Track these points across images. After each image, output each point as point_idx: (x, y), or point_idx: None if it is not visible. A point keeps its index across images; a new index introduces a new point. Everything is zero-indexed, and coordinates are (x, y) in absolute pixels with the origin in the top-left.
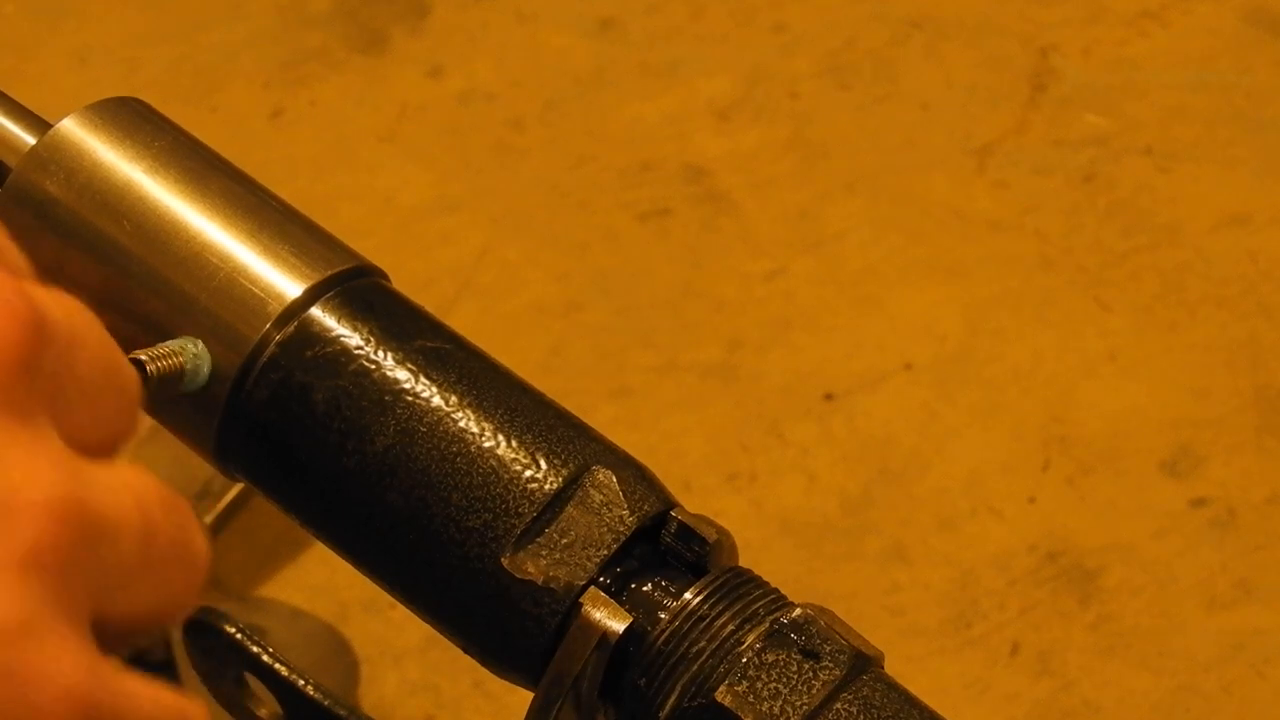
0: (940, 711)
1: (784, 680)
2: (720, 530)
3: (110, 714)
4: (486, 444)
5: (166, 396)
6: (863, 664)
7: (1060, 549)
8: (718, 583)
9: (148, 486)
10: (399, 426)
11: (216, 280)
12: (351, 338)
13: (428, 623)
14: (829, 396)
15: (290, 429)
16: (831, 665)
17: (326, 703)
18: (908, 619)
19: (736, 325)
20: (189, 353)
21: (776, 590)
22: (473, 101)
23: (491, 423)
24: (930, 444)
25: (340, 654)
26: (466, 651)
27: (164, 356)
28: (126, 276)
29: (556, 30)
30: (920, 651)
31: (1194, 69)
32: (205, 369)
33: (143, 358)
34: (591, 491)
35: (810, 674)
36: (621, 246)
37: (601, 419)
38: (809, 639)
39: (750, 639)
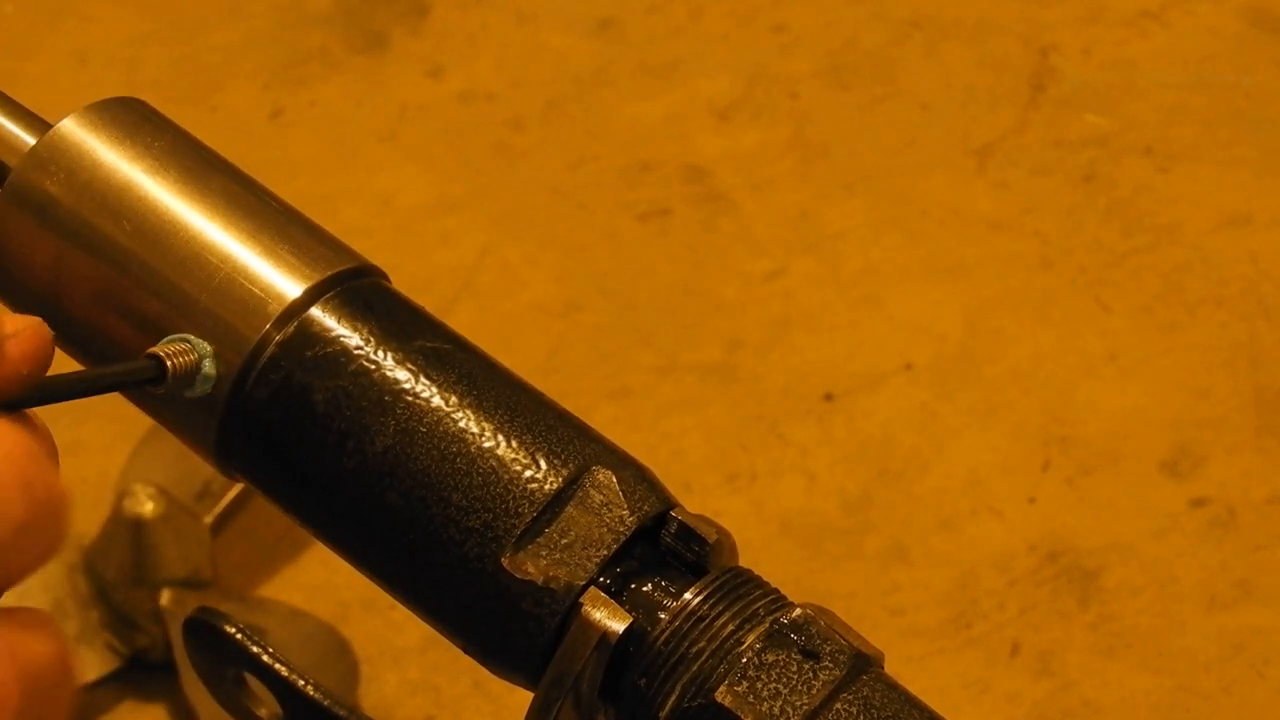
0: (940, 711)
1: (784, 680)
2: (720, 530)
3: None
4: (486, 444)
5: (177, 395)
6: (863, 664)
7: (1060, 549)
8: (718, 583)
9: (14, 442)
10: (399, 426)
11: (216, 280)
12: (351, 338)
13: (428, 623)
14: (829, 396)
15: (290, 429)
16: (831, 665)
17: (326, 703)
18: (907, 619)
19: (736, 325)
20: (199, 350)
21: (776, 590)
22: (473, 101)
23: (491, 423)
24: (930, 444)
25: (340, 654)
26: (466, 652)
27: (181, 354)
28: (126, 276)
29: (556, 30)
30: (920, 651)
31: (1194, 69)
32: (213, 368)
33: (161, 354)
34: (591, 492)
35: (810, 674)
36: (621, 246)
37: (601, 419)
38: (809, 639)
39: (750, 639)
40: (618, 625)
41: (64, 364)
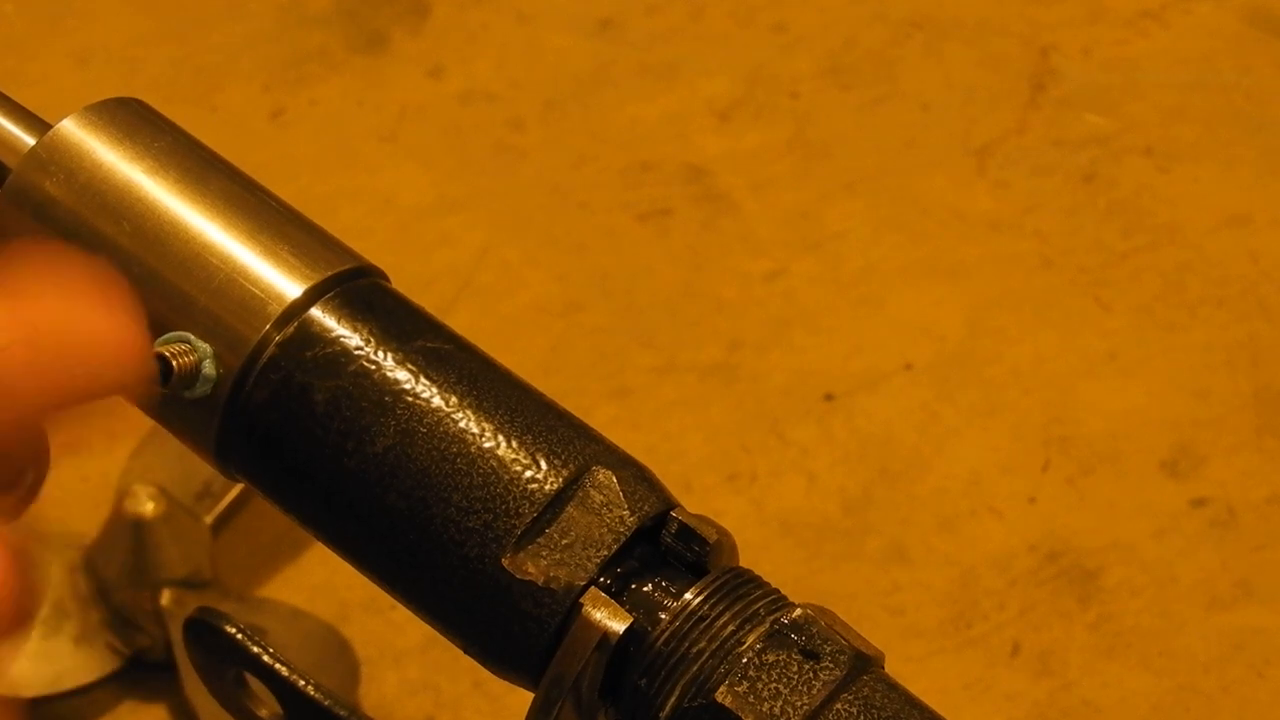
0: (940, 711)
1: (784, 680)
2: (720, 530)
3: None
4: (487, 444)
5: (177, 395)
6: (863, 664)
7: (1060, 549)
8: (718, 583)
9: None
10: (399, 427)
11: (216, 281)
12: (351, 338)
13: (428, 623)
14: (829, 396)
15: (290, 430)
16: (832, 665)
17: (326, 703)
18: (908, 619)
19: (736, 325)
20: (199, 351)
21: (777, 590)
22: (473, 102)
23: (492, 423)
24: (930, 444)
25: (340, 654)
26: (467, 652)
27: (183, 353)
28: (126, 277)
29: (556, 30)
30: (920, 651)
31: (1194, 69)
32: (213, 369)
33: (165, 353)
34: (592, 492)
35: (810, 674)
36: (621, 246)
37: (601, 419)
38: (809, 639)
39: (750, 639)
40: (618, 625)
41: None
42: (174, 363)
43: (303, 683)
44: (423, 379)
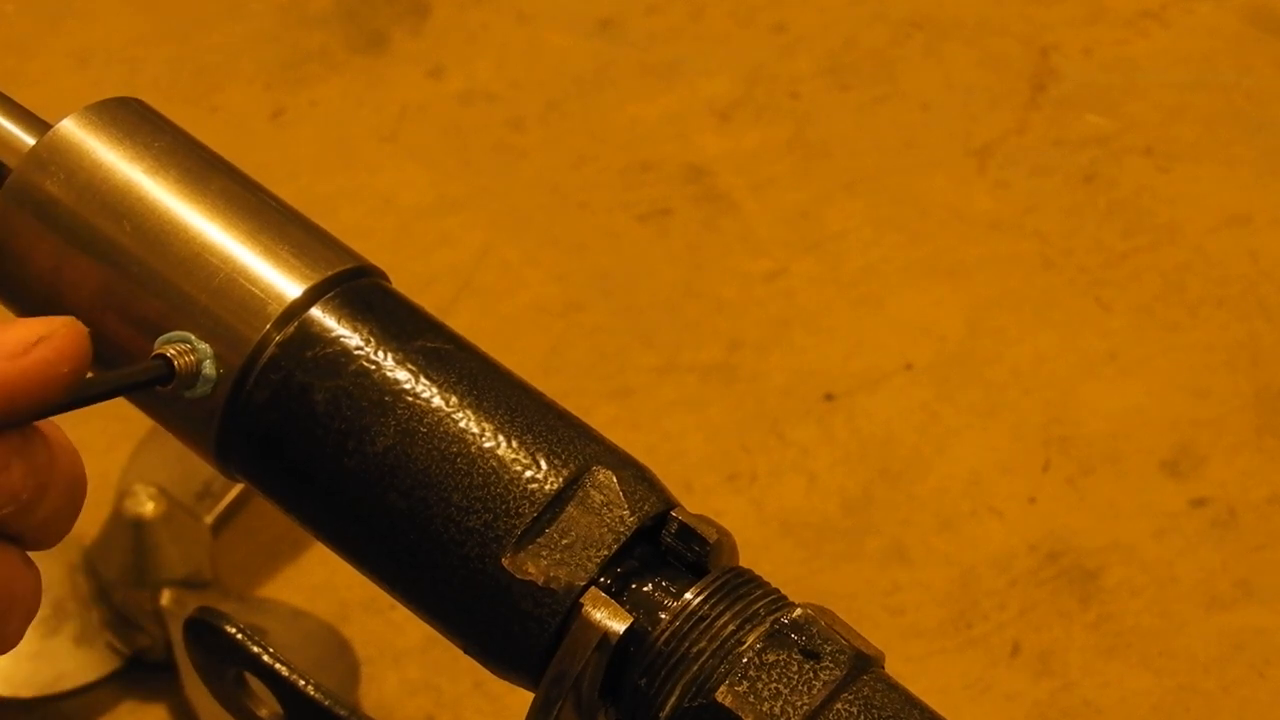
0: (940, 711)
1: (784, 680)
2: (721, 530)
3: None
4: (487, 444)
5: (177, 395)
6: (863, 664)
7: (1061, 549)
8: (718, 583)
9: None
10: (399, 427)
11: (216, 281)
12: (351, 338)
13: (428, 623)
14: (829, 396)
15: (290, 429)
16: (832, 665)
17: (326, 703)
18: (908, 619)
19: (736, 325)
20: (199, 351)
21: (777, 590)
22: (473, 102)
23: (492, 423)
24: (930, 444)
25: (340, 654)
26: (467, 652)
27: (184, 353)
28: (126, 277)
29: (556, 30)
30: (920, 651)
31: (1194, 69)
32: (213, 369)
33: (168, 353)
34: (592, 492)
35: (811, 674)
36: (621, 246)
37: (601, 419)
38: (809, 639)
39: (751, 639)
40: (618, 625)
41: None
42: (175, 362)
43: (303, 683)
44: (423, 379)
